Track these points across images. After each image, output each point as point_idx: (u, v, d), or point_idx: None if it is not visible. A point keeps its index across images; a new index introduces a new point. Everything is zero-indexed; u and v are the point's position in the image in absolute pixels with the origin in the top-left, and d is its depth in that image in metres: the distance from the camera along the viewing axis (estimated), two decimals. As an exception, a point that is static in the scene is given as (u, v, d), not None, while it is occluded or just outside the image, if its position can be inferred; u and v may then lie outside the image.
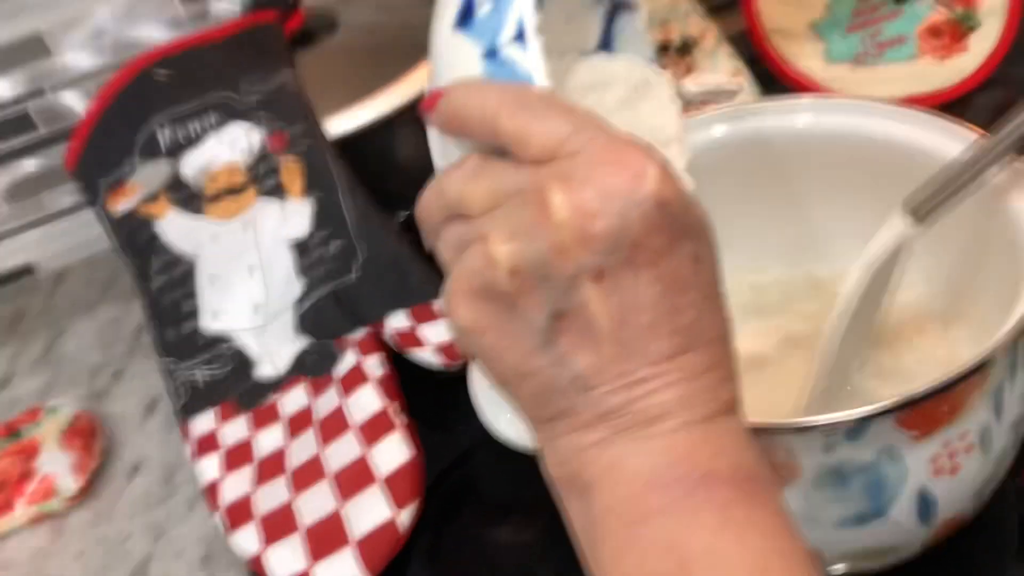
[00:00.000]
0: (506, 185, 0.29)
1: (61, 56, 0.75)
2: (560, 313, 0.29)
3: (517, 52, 0.31)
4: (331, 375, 0.56)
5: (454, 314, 0.30)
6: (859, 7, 0.75)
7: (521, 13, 0.31)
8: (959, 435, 0.40)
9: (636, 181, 0.28)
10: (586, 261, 0.28)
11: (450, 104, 0.31)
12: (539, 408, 0.30)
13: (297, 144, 0.58)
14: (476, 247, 0.29)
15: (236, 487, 0.54)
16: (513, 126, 0.29)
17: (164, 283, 0.59)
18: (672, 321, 0.29)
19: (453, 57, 0.33)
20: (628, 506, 0.28)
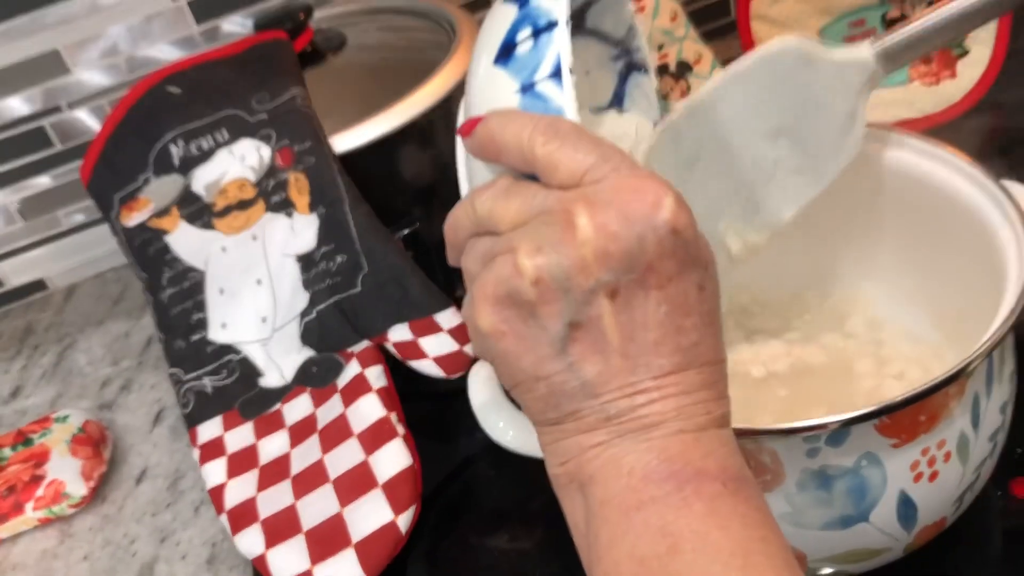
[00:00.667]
0: (535, 205, 0.32)
1: (77, 73, 0.77)
2: (576, 324, 0.31)
3: (552, 88, 0.34)
4: (334, 385, 0.58)
5: (477, 317, 0.33)
6: (850, 33, 0.77)
7: (559, 53, 0.34)
8: (937, 443, 0.41)
9: (654, 209, 0.31)
10: (604, 277, 0.31)
11: (488, 130, 0.34)
12: (548, 410, 0.33)
13: (304, 160, 0.60)
14: (504, 257, 0.32)
15: (241, 490, 0.55)
16: (545, 152, 0.32)
17: (174, 295, 0.61)
18: (676, 340, 0.31)
19: (492, 89, 0.36)
20: (624, 496, 0.31)
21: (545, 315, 0.31)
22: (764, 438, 0.41)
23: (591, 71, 0.44)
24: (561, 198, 0.31)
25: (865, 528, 0.42)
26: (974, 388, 0.42)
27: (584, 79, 0.44)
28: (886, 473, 0.41)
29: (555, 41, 0.34)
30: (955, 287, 0.50)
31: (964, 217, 0.47)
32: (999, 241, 0.45)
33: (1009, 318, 0.41)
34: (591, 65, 0.44)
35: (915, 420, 0.40)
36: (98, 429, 0.66)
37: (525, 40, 0.35)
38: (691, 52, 0.78)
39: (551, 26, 0.35)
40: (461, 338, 0.56)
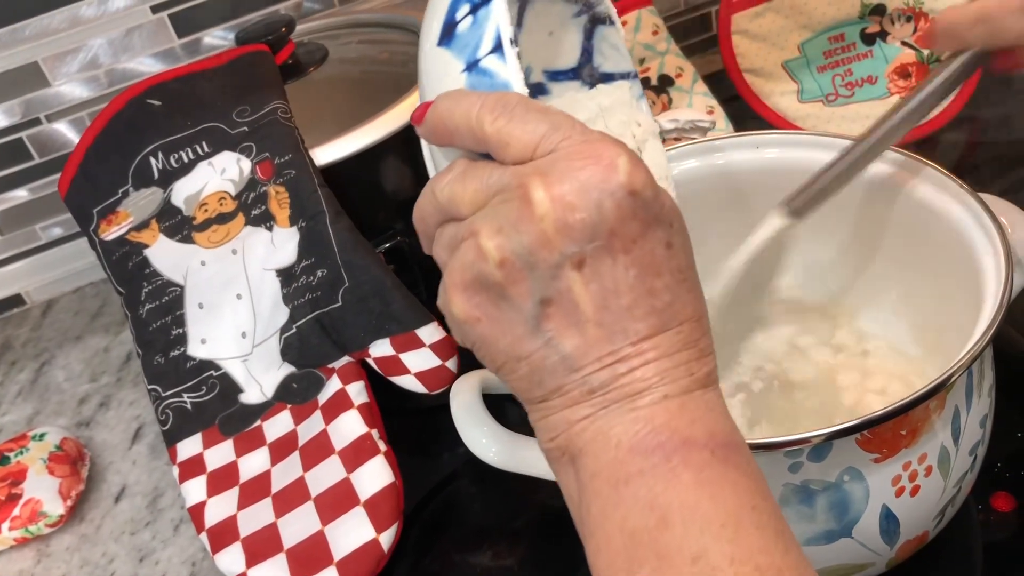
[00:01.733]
0: (491, 184, 0.32)
1: (56, 86, 0.76)
2: (547, 299, 0.31)
3: (496, 63, 0.34)
4: (315, 401, 0.57)
5: (450, 307, 0.33)
6: (830, 48, 0.78)
7: (498, 26, 0.34)
8: (919, 457, 0.41)
9: (608, 173, 0.30)
10: (568, 249, 0.30)
11: (437, 114, 0.34)
12: (532, 389, 0.33)
13: (285, 173, 0.60)
14: (467, 243, 0.32)
15: (221, 509, 0.54)
16: (494, 129, 0.32)
17: (153, 309, 0.60)
18: (649, 302, 0.31)
19: (438, 71, 0.35)
20: (613, 469, 0.31)
21: (515, 295, 0.31)
22: (746, 453, 0.40)
23: (554, 31, 0.43)
24: (516, 173, 0.31)
25: (848, 543, 0.42)
26: (954, 402, 0.42)
27: (547, 41, 0.43)
28: (868, 488, 0.41)
29: (493, 14, 0.34)
30: (935, 300, 0.50)
31: (943, 230, 0.48)
32: (977, 254, 0.46)
33: (988, 331, 0.41)
34: (553, 26, 0.43)
35: (896, 434, 0.40)
36: (76, 447, 0.65)
37: (465, 17, 0.35)
38: (672, 66, 0.78)
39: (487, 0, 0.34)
40: (443, 353, 0.56)
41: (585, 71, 0.44)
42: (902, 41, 0.77)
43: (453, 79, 0.35)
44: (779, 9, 0.77)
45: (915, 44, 0.77)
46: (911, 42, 0.77)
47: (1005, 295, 0.42)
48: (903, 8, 0.76)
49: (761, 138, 0.54)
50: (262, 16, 0.78)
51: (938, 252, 0.48)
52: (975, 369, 0.43)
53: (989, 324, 0.41)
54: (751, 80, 0.79)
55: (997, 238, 0.44)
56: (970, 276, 0.46)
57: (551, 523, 0.56)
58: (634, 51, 0.77)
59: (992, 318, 0.41)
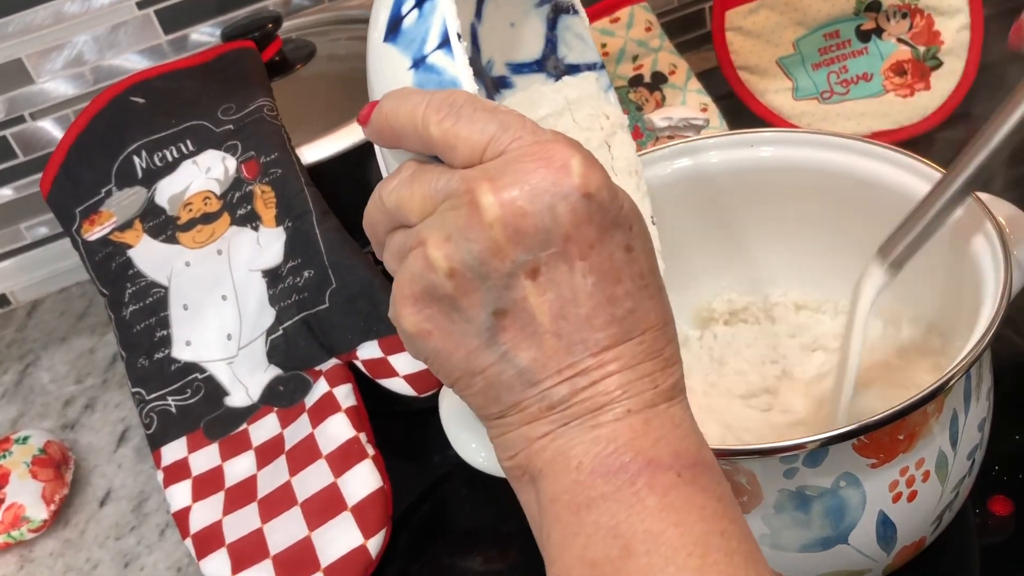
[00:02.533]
0: (439, 189, 0.30)
1: (41, 83, 0.75)
2: (501, 311, 0.30)
3: (443, 59, 0.32)
4: (302, 404, 0.56)
5: (400, 319, 0.31)
6: (825, 45, 0.77)
7: (444, 19, 0.32)
8: (916, 462, 0.41)
9: (561, 175, 0.29)
10: (520, 257, 0.29)
11: (382, 115, 0.32)
12: (489, 405, 0.31)
13: (271, 172, 0.59)
14: (415, 252, 0.30)
15: (206, 514, 0.54)
16: (441, 131, 0.30)
17: (137, 311, 0.60)
18: (608, 311, 0.29)
19: (384, 69, 0.34)
20: (574, 493, 0.29)
21: (467, 306, 0.30)
22: (741, 459, 0.40)
23: (516, 22, 0.42)
24: (464, 178, 0.29)
25: (844, 550, 0.41)
26: (952, 406, 0.41)
27: (509, 32, 0.42)
28: (865, 493, 0.40)
29: (439, 7, 0.32)
30: (933, 301, 0.49)
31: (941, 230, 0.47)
32: (976, 255, 0.45)
33: (987, 333, 0.40)
34: (515, 16, 0.42)
35: (894, 439, 0.40)
36: (60, 450, 0.64)
37: (410, 11, 0.33)
38: (666, 63, 0.77)
39: None
40: (432, 355, 0.55)
41: (550, 63, 0.43)
42: (898, 38, 0.76)
43: (400, 77, 0.33)
44: (773, 6, 0.77)
45: (911, 41, 0.76)
46: (907, 39, 0.76)
47: (1004, 297, 0.41)
48: (899, 4, 0.75)
49: (756, 136, 0.54)
50: (249, 12, 0.77)
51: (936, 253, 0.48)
52: (973, 372, 0.42)
53: (988, 326, 0.40)
54: (745, 77, 0.79)
55: (996, 239, 0.43)
56: (968, 277, 0.45)
57: (543, 527, 0.55)
58: (627, 48, 0.76)
59: (991, 320, 0.40)
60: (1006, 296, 0.41)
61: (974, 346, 0.40)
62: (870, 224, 0.52)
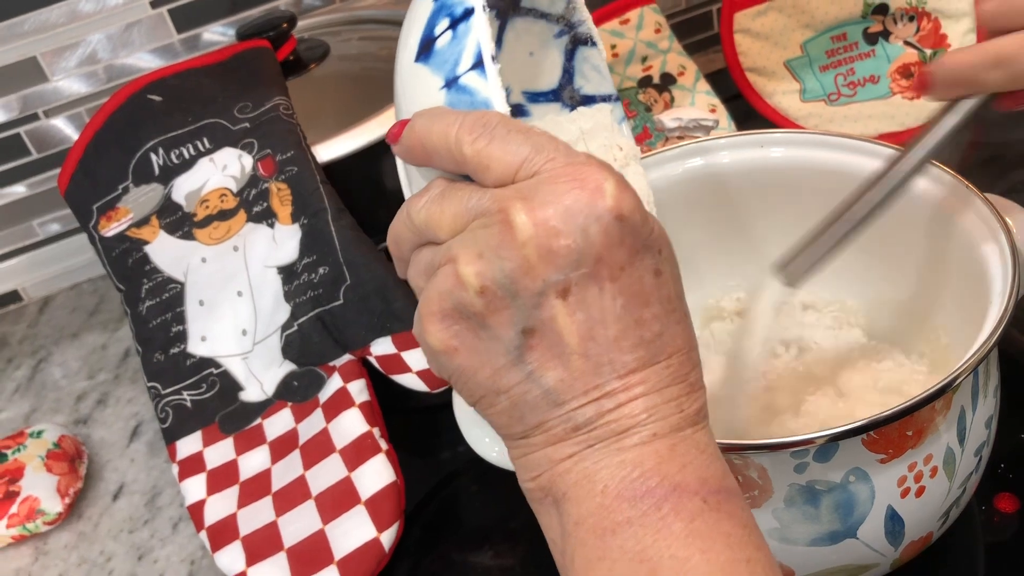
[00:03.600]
0: (471, 207, 0.30)
1: (55, 81, 0.76)
2: (529, 330, 0.30)
3: (476, 80, 0.32)
4: (316, 399, 0.57)
5: (426, 336, 0.31)
6: (833, 48, 0.78)
7: (479, 42, 0.32)
8: (924, 458, 0.41)
9: (595, 197, 0.29)
10: (551, 277, 0.29)
11: (414, 133, 0.32)
12: (513, 424, 0.31)
13: (287, 170, 0.59)
14: (445, 269, 0.30)
15: (221, 507, 0.54)
16: (474, 151, 0.30)
17: (153, 307, 0.60)
18: (637, 334, 0.30)
19: (415, 88, 0.34)
20: (599, 517, 0.29)
21: (496, 324, 0.30)
22: (751, 453, 0.40)
23: (535, 52, 0.42)
24: (497, 197, 0.29)
25: (853, 544, 0.42)
26: (960, 403, 0.42)
27: (528, 61, 0.42)
28: (874, 488, 0.41)
29: (473, 29, 0.33)
30: (941, 300, 0.50)
31: (948, 230, 0.48)
32: (984, 255, 0.45)
33: (995, 332, 0.41)
34: (534, 46, 0.42)
35: (902, 435, 0.40)
36: (73, 444, 0.65)
37: (444, 32, 0.33)
38: (675, 64, 0.78)
39: (468, 14, 0.33)
40: (445, 351, 0.56)
41: (566, 93, 0.44)
42: (905, 41, 0.77)
43: (431, 96, 0.33)
44: (781, 8, 0.77)
45: (918, 44, 0.77)
46: (914, 42, 0.77)
47: (1012, 296, 0.42)
48: (906, 8, 0.76)
49: (765, 137, 0.54)
50: (262, 12, 0.78)
51: (945, 253, 0.48)
52: (981, 370, 0.42)
53: (996, 325, 0.41)
54: (753, 79, 0.79)
55: (1003, 239, 0.44)
56: (976, 277, 0.45)
57: (552, 523, 0.55)
58: (636, 49, 0.77)
59: (999, 319, 0.41)
60: (1014, 295, 0.42)
61: (982, 344, 0.40)
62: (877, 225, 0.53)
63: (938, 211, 0.49)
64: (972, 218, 0.47)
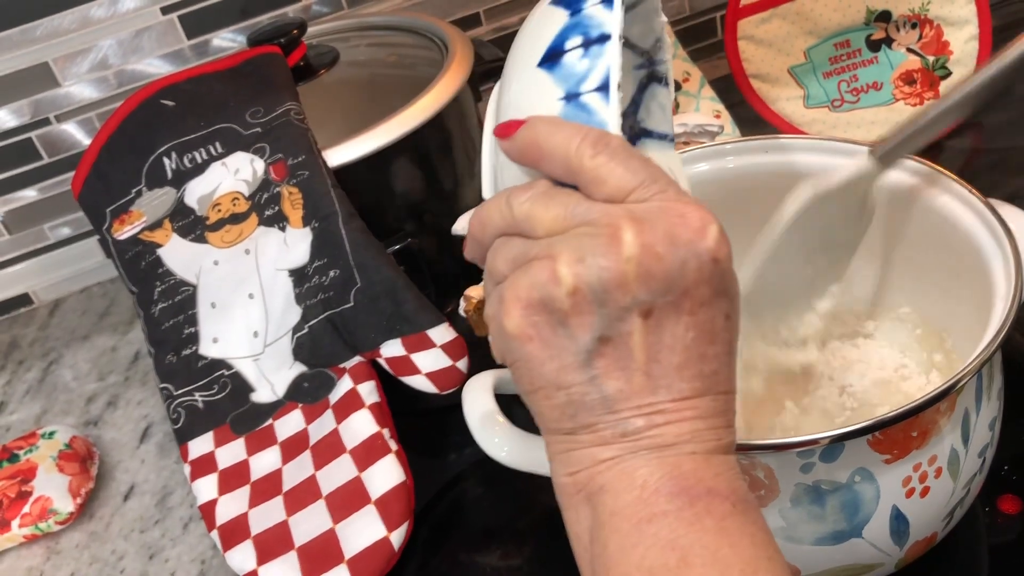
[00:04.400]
0: (577, 214, 0.32)
1: (66, 86, 0.77)
2: (605, 338, 0.32)
3: (598, 101, 0.34)
4: (327, 401, 0.57)
5: (505, 318, 0.32)
6: (836, 54, 0.78)
7: (609, 67, 0.34)
8: (929, 459, 0.42)
9: (699, 235, 0.31)
10: (640, 296, 0.31)
11: (534, 134, 0.34)
12: (563, 420, 0.33)
13: (298, 174, 0.60)
14: (542, 263, 0.32)
15: (232, 507, 0.55)
16: (594, 165, 0.32)
17: (165, 308, 0.61)
18: (699, 366, 0.32)
19: (534, 93, 0.35)
20: (636, 508, 0.31)
21: (576, 326, 0.31)
22: (758, 453, 0.41)
23: None
24: (607, 211, 0.31)
25: (858, 543, 0.42)
26: (964, 404, 0.42)
27: None
28: (879, 488, 0.41)
29: (607, 54, 0.34)
30: (945, 304, 0.51)
31: (951, 234, 0.48)
32: (987, 258, 0.46)
33: (998, 335, 0.41)
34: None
35: (907, 436, 0.41)
36: (85, 445, 0.66)
37: (575, 48, 0.35)
38: (679, 70, 0.78)
39: (604, 39, 0.34)
40: (454, 354, 0.56)
41: (627, 122, 0.45)
42: (907, 47, 0.77)
43: (548, 105, 0.35)
44: (785, 15, 0.78)
45: (920, 51, 0.77)
46: (916, 49, 0.77)
47: (1015, 300, 0.42)
48: (908, 15, 0.77)
49: (770, 142, 0.55)
50: (272, 18, 0.78)
51: (947, 256, 0.49)
52: (985, 372, 0.43)
53: (999, 328, 0.41)
54: (757, 85, 0.80)
55: (1007, 244, 0.45)
56: (979, 280, 0.46)
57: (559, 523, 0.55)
58: (642, 56, 0.78)
59: (1002, 322, 0.41)
60: (1016, 299, 0.42)
61: (985, 347, 0.41)
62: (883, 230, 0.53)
63: (941, 216, 0.49)
64: (975, 223, 0.47)
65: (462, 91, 0.65)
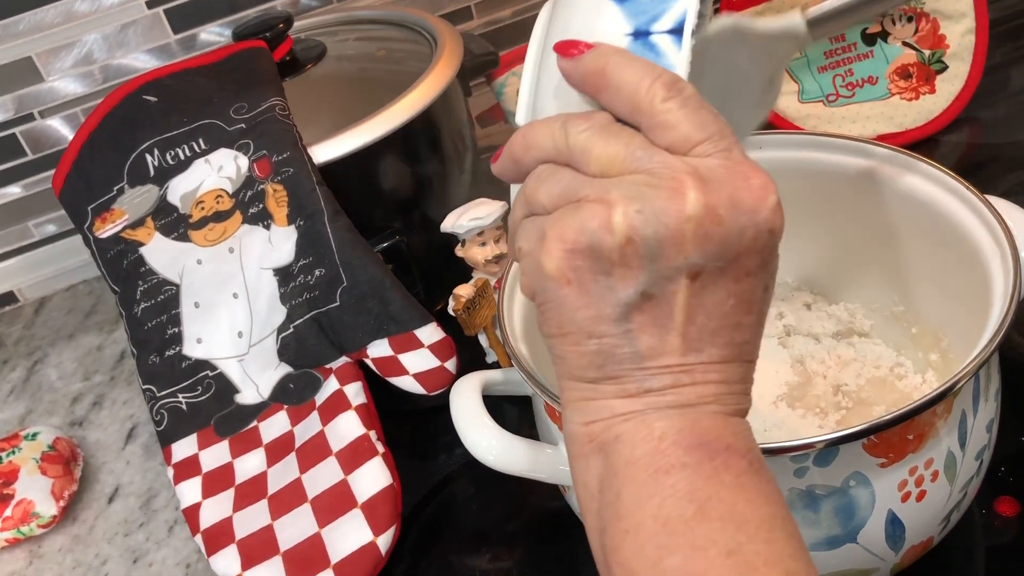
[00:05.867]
0: (638, 158, 0.30)
1: (50, 81, 0.75)
2: (648, 295, 0.31)
3: (669, 44, 0.32)
4: (312, 402, 0.56)
5: (545, 257, 0.31)
6: (831, 48, 0.78)
7: (686, 10, 0.32)
8: (925, 462, 0.41)
9: (761, 203, 0.30)
10: (694, 258, 0.30)
11: (603, 61, 0.32)
12: (588, 369, 0.32)
13: (283, 171, 0.59)
14: (595, 206, 0.30)
15: (216, 511, 0.54)
16: (665, 108, 0.30)
17: (148, 308, 0.60)
18: (731, 334, 0.31)
19: (600, 21, 0.33)
20: (653, 458, 0.31)
21: (620, 277, 0.30)
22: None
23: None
24: (671, 165, 0.30)
25: (853, 548, 0.41)
26: (961, 407, 0.41)
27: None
28: (874, 493, 0.40)
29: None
30: (939, 302, 0.50)
31: (949, 232, 0.47)
32: (985, 258, 0.45)
33: (996, 335, 0.40)
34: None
35: (903, 439, 0.40)
36: (68, 447, 0.65)
37: None
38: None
39: None
40: (442, 354, 0.56)
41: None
42: (903, 41, 0.76)
43: (613, 36, 0.32)
44: (779, 9, 0.77)
45: (916, 45, 0.76)
46: (912, 42, 0.76)
47: (1013, 299, 0.41)
48: (904, 8, 0.76)
49: (765, 138, 0.54)
50: (259, 12, 0.77)
51: (944, 254, 0.48)
52: (982, 373, 0.42)
53: (997, 328, 0.40)
54: (751, 80, 0.79)
55: (1004, 241, 0.44)
56: (977, 278, 0.45)
57: (548, 525, 0.55)
58: (634, 50, 0.77)
59: (1000, 322, 0.41)
60: (1015, 298, 0.42)
61: (983, 348, 0.40)
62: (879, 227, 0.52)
63: (939, 213, 0.48)
64: (972, 220, 0.46)
65: (451, 86, 0.64)
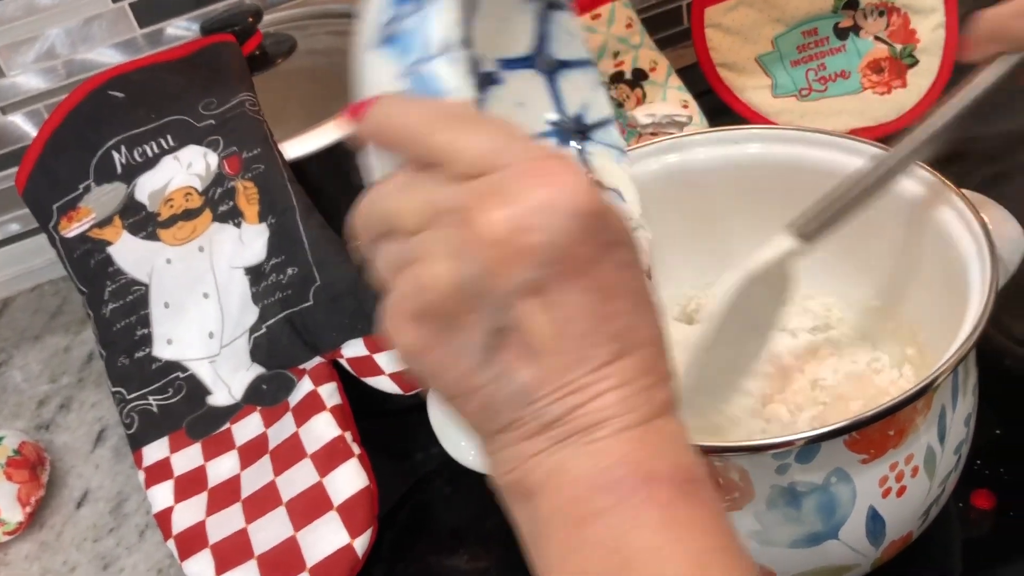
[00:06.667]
0: (439, 200, 0.29)
1: (12, 76, 0.74)
2: (500, 330, 0.29)
3: (442, 67, 0.31)
4: (286, 403, 0.56)
5: (395, 336, 0.30)
6: (804, 43, 0.78)
7: (445, 28, 0.31)
8: (905, 458, 0.41)
9: (563, 194, 0.28)
10: (522, 276, 0.28)
11: (380, 116, 0.31)
12: (486, 422, 0.31)
13: (253, 167, 0.58)
14: (413, 269, 0.29)
15: (189, 515, 0.53)
16: (443, 140, 0.29)
17: (116, 309, 0.59)
18: (607, 328, 0.29)
19: (374, 73, 0.32)
20: (572, 508, 0.29)
21: (466, 325, 0.29)
22: (732, 455, 0.40)
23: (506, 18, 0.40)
24: (466, 193, 0.29)
25: (834, 545, 0.42)
26: (940, 402, 0.42)
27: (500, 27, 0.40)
28: (855, 489, 0.40)
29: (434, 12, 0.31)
30: (916, 297, 0.50)
31: (924, 226, 0.47)
32: (962, 253, 0.45)
33: (975, 331, 0.40)
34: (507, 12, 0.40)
35: (884, 435, 0.40)
36: (35, 451, 0.63)
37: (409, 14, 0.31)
38: (647, 60, 0.77)
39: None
40: (418, 353, 0.55)
41: (540, 59, 0.43)
42: (875, 36, 0.77)
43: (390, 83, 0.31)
44: (752, 3, 0.77)
45: (888, 39, 0.77)
46: (884, 37, 0.77)
47: (990, 293, 0.42)
48: (875, 3, 0.76)
49: (741, 133, 0.54)
50: (226, 6, 0.76)
51: (920, 249, 0.48)
52: (961, 368, 0.42)
53: (976, 323, 0.41)
54: (724, 74, 0.79)
55: (982, 237, 0.44)
56: (953, 273, 0.45)
57: (528, 524, 0.55)
58: (608, 44, 0.76)
59: (978, 317, 0.41)
60: (992, 292, 0.42)
61: (963, 343, 0.40)
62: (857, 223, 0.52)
63: (915, 207, 0.48)
64: (948, 214, 0.47)
65: (424, 81, 0.63)
